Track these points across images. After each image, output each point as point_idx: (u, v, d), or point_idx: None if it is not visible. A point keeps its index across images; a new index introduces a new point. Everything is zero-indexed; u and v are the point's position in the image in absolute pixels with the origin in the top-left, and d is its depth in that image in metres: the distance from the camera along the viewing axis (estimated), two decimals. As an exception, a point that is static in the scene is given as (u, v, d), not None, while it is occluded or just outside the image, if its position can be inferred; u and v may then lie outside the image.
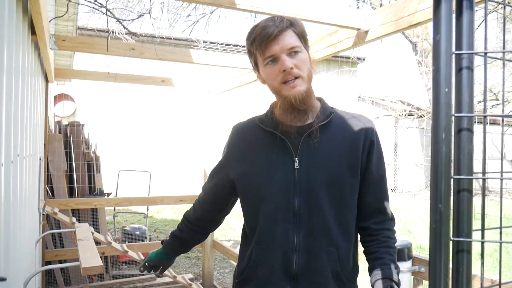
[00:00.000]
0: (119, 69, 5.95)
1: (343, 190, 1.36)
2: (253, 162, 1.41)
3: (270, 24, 1.29)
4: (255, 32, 1.32)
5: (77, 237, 2.81)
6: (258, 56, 1.35)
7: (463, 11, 0.76)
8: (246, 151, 1.45)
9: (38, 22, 2.21)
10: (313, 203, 1.33)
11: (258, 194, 1.39)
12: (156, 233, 7.43)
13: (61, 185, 4.64)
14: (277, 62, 1.30)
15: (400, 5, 2.01)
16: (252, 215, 1.43)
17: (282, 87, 1.31)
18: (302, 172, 1.34)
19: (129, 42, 6.31)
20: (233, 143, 1.51)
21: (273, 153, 1.38)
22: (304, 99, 1.31)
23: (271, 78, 1.33)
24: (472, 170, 0.78)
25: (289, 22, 1.31)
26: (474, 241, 0.78)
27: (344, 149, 1.37)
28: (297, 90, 1.29)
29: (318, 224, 1.33)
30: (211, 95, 4.74)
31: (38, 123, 3.31)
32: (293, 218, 1.34)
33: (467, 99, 0.76)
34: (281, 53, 1.28)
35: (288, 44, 1.28)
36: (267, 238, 1.37)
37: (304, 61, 1.31)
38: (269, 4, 2.06)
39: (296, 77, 1.29)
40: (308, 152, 1.35)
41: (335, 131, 1.38)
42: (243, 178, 1.44)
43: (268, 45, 1.29)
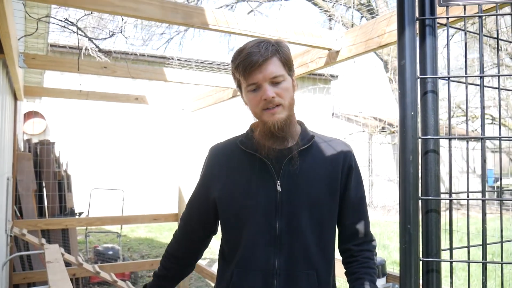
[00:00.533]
0: (92, 87, 5.87)
1: (323, 213, 1.37)
2: (234, 184, 1.40)
3: (255, 51, 1.29)
4: (239, 58, 1.32)
5: (46, 259, 2.73)
6: (241, 81, 1.36)
7: (426, 37, 0.78)
8: (227, 173, 1.42)
9: (5, 41, 2.17)
10: (294, 226, 1.34)
11: (240, 217, 1.38)
12: (130, 252, 7.28)
13: (30, 205, 4.51)
14: (259, 90, 1.31)
15: (369, 27, 2.06)
16: (233, 237, 1.41)
17: (262, 113, 1.32)
18: (284, 195, 1.34)
19: (101, 60, 6.25)
20: (212, 164, 1.48)
21: (255, 175, 1.37)
22: (283, 127, 1.32)
23: (253, 104, 1.34)
24: (439, 191, 0.79)
25: (275, 49, 1.32)
26: (442, 261, 0.79)
27: (324, 173, 1.38)
28: (277, 117, 1.30)
29: (299, 247, 1.33)
30: (185, 113, 4.73)
31: (6, 142, 3.22)
32: (274, 241, 1.33)
33: (432, 122, 0.78)
34: (264, 82, 1.30)
35: (271, 74, 1.30)
36: (248, 261, 1.35)
37: (286, 89, 1.32)
38: (241, 25, 2.09)
39: (277, 105, 1.31)
40: (290, 175, 1.35)
41: (316, 155, 1.40)
42: (225, 200, 1.41)
43: (251, 73, 1.30)
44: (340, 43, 2.30)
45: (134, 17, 2.04)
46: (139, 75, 3.32)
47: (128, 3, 1.87)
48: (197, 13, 2.03)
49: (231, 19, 2.09)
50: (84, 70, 3.04)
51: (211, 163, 1.48)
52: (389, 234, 8.76)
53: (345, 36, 2.29)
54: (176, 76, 3.50)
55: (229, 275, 1.40)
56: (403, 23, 0.79)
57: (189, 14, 2.00)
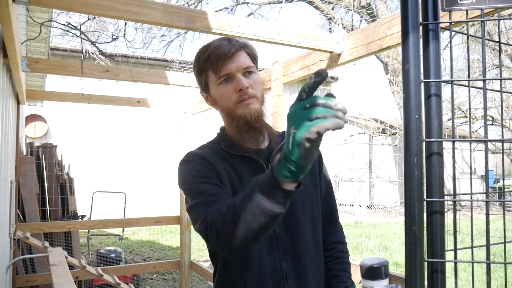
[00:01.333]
0: (94, 90, 5.90)
1: (313, 207, 1.38)
2: (233, 187, 1.30)
3: (225, 43, 1.28)
4: (209, 50, 1.28)
5: (50, 262, 2.73)
6: (210, 74, 1.30)
7: (429, 41, 0.80)
8: (225, 175, 1.30)
9: (10, 45, 2.19)
10: (291, 225, 1.32)
11: None
12: (131, 255, 7.28)
13: (32, 209, 4.53)
14: (231, 81, 1.27)
15: (371, 30, 2.08)
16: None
17: (236, 106, 1.27)
18: None
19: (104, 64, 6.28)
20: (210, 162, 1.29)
21: (249, 177, 1.28)
22: (259, 117, 1.28)
23: (225, 97, 1.29)
24: (443, 192, 0.81)
25: (242, 43, 1.32)
26: (447, 261, 0.81)
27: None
28: (252, 107, 1.27)
29: (300, 245, 1.33)
30: (186, 116, 4.74)
31: (9, 146, 3.24)
32: (276, 244, 1.31)
33: (436, 125, 0.80)
34: (237, 72, 1.26)
35: (244, 64, 1.27)
36: (256, 268, 1.30)
37: (257, 82, 1.31)
38: (244, 29, 2.10)
39: (250, 96, 1.27)
40: None
41: None
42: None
43: (224, 63, 1.26)
44: (342, 46, 2.32)
45: (138, 22, 2.05)
46: (141, 79, 3.34)
47: (132, 7, 1.89)
48: (200, 17, 2.05)
49: (233, 23, 2.11)
50: (87, 74, 3.06)
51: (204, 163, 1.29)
52: (390, 235, 8.76)
53: (347, 39, 2.31)
54: (178, 79, 3.52)
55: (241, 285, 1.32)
56: (406, 28, 0.80)
57: (192, 18, 2.02)
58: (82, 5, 1.82)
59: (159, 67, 11.32)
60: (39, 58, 3.04)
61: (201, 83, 1.37)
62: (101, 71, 3.17)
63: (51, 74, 3.19)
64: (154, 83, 3.45)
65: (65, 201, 4.95)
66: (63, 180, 5.04)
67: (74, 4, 1.81)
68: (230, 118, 1.31)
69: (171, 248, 7.88)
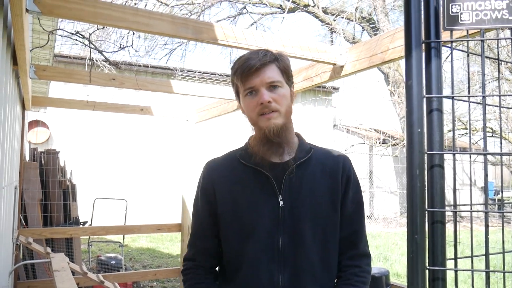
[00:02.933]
0: (97, 97, 5.94)
1: (326, 226, 1.36)
2: (236, 200, 1.37)
3: (254, 56, 1.31)
4: (238, 63, 1.34)
5: (53, 268, 2.76)
6: (239, 86, 1.36)
7: (432, 59, 0.84)
8: (229, 188, 1.39)
9: (21, 53, 2.23)
10: (297, 241, 1.32)
11: (242, 233, 1.35)
12: (131, 262, 7.28)
13: (35, 214, 4.55)
14: (256, 94, 1.32)
15: (373, 43, 2.13)
16: (235, 254, 1.38)
17: (259, 118, 1.32)
18: (286, 210, 1.32)
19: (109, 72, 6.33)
20: (213, 179, 1.43)
21: (257, 190, 1.35)
22: (278, 132, 1.30)
23: (250, 109, 1.34)
24: (444, 203, 0.84)
25: (274, 57, 1.34)
26: (448, 269, 0.84)
27: (325, 185, 1.37)
28: (273, 122, 1.30)
29: (303, 263, 1.32)
30: (189, 124, 4.79)
31: (15, 151, 3.28)
32: (277, 257, 1.31)
33: (437, 138, 0.83)
34: (261, 86, 1.30)
35: (268, 78, 1.30)
36: (251, 279, 1.33)
37: (283, 96, 1.32)
38: (249, 40, 2.15)
39: (273, 110, 1.30)
40: (291, 189, 1.34)
41: (316, 167, 1.39)
42: (227, 216, 1.38)
43: (248, 77, 1.31)
44: (345, 58, 2.37)
45: (146, 32, 2.10)
46: (146, 87, 3.38)
47: (141, 18, 1.94)
48: (206, 28, 2.10)
49: (239, 35, 2.16)
50: (93, 82, 3.10)
51: (211, 178, 1.43)
52: (390, 246, 8.75)
53: (350, 51, 2.35)
54: (182, 88, 3.56)
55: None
56: (410, 46, 0.84)
57: (199, 30, 2.07)
58: (92, 15, 1.86)
59: (162, 76, 11.40)
60: (46, 66, 3.09)
61: (234, 91, 1.45)
62: (107, 79, 3.22)
63: (57, 81, 3.23)
64: (159, 92, 3.49)
65: (67, 207, 4.98)
66: (66, 186, 5.07)
67: (84, 15, 1.85)
68: (255, 128, 1.39)
69: (171, 256, 7.88)
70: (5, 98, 2.11)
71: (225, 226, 1.39)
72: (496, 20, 0.85)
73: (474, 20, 0.85)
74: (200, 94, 3.60)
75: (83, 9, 1.83)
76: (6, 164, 2.38)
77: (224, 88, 3.74)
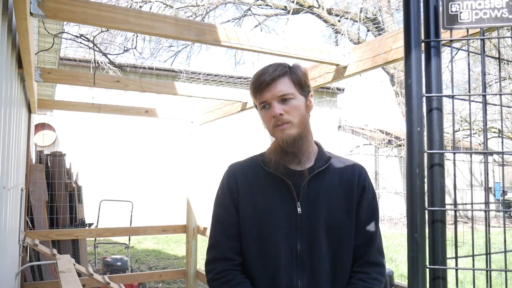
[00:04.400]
0: (102, 100, 5.97)
1: (341, 234, 1.40)
2: (257, 205, 1.42)
3: (265, 72, 1.39)
4: (252, 79, 1.43)
5: (59, 269, 2.78)
6: (255, 100, 1.45)
7: (431, 58, 0.84)
8: (250, 192, 1.44)
9: (25, 57, 2.26)
10: (314, 246, 1.37)
11: (262, 238, 1.39)
12: (137, 264, 7.31)
13: (41, 216, 4.58)
14: (269, 108, 1.39)
15: (376, 43, 2.13)
16: (255, 258, 1.41)
17: (274, 130, 1.40)
18: (304, 216, 1.38)
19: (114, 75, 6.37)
20: (235, 182, 1.46)
21: (276, 196, 1.41)
22: (292, 142, 1.36)
23: (266, 121, 1.43)
24: (444, 202, 0.84)
25: (285, 70, 1.40)
26: (448, 268, 0.84)
27: (342, 194, 1.42)
28: (286, 133, 1.36)
29: (319, 267, 1.36)
30: (194, 126, 4.80)
31: (21, 154, 3.30)
32: (296, 261, 1.36)
33: (437, 137, 0.83)
34: (272, 100, 1.38)
35: (279, 92, 1.37)
36: (272, 282, 1.37)
37: (295, 107, 1.38)
38: (252, 42, 2.16)
39: (285, 122, 1.37)
40: (309, 196, 1.39)
41: (334, 176, 1.44)
42: (247, 220, 1.42)
43: (260, 92, 1.39)
44: (348, 59, 2.37)
45: (149, 35, 2.11)
46: (150, 89, 3.40)
47: (144, 21, 1.95)
48: (209, 30, 2.10)
49: (242, 36, 2.17)
50: (98, 84, 3.12)
51: (235, 179, 1.47)
52: (396, 247, 8.72)
53: (353, 52, 2.35)
54: (186, 90, 3.57)
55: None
56: (409, 45, 0.84)
57: (202, 31, 2.08)
58: (96, 18, 1.88)
59: (166, 77, 11.44)
60: (52, 69, 3.11)
61: (254, 104, 1.53)
62: (112, 82, 3.24)
63: (63, 84, 3.26)
64: (163, 93, 3.51)
65: (73, 209, 5.01)
66: (72, 188, 5.10)
67: (88, 18, 1.87)
68: (273, 138, 1.46)
69: (176, 257, 7.90)
70: (11, 101, 2.13)
71: (245, 228, 1.43)
72: (495, 19, 0.85)
73: (473, 19, 0.85)
74: (204, 96, 3.61)
75: (87, 12, 1.85)
76: (12, 166, 2.40)
77: (228, 90, 3.75)
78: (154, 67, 10.47)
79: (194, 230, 4.80)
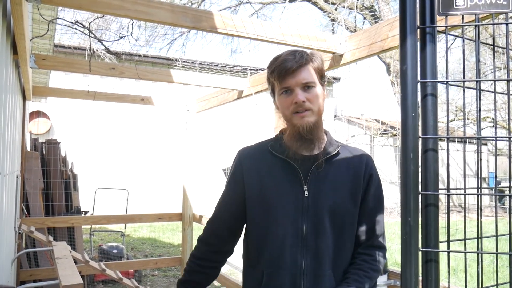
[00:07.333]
0: (97, 87, 5.94)
1: (344, 219, 1.44)
2: (264, 187, 1.47)
3: (290, 58, 1.40)
4: (275, 64, 1.43)
5: (55, 256, 2.79)
6: (275, 85, 1.46)
7: (426, 44, 0.85)
8: (258, 175, 1.49)
9: (20, 42, 2.24)
10: (319, 228, 1.41)
11: (269, 218, 1.44)
12: (133, 251, 7.34)
13: (37, 203, 4.58)
14: (291, 94, 1.41)
15: (373, 31, 2.13)
16: (260, 238, 1.47)
17: (293, 116, 1.41)
18: (310, 199, 1.42)
19: (109, 62, 6.33)
20: (243, 166, 1.53)
21: (284, 179, 1.45)
22: (311, 130, 1.40)
23: (284, 107, 1.43)
24: (437, 186, 0.85)
25: (309, 58, 1.42)
26: (441, 251, 0.85)
27: (348, 180, 1.46)
28: (306, 120, 1.39)
29: (323, 248, 1.41)
30: (190, 114, 4.79)
31: (16, 141, 3.29)
32: (300, 242, 1.41)
33: (432, 123, 0.84)
34: (296, 86, 1.39)
35: (303, 79, 1.39)
36: (276, 261, 1.42)
37: (316, 96, 1.41)
38: (248, 29, 2.15)
39: (306, 109, 1.39)
40: (317, 180, 1.43)
41: (341, 163, 1.48)
42: (255, 200, 1.48)
43: (285, 78, 1.40)
44: (344, 47, 2.37)
45: (145, 21, 2.10)
46: (146, 76, 3.38)
47: (140, 7, 1.94)
48: (206, 17, 2.10)
49: (238, 23, 2.16)
50: (93, 72, 3.11)
51: (241, 164, 1.54)
52: (390, 236, 8.79)
53: (349, 40, 2.35)
54: (182, 78, 3.56)
55: (259, 276, 1.46)
56: (405, 31, 0.85)
57: (198, 18, 2.07)
58: (91, 4, 1.87)
59: (162, 65, 11.38)
60: (46, 55, 3.09)
61: (269, 88, 1.53)
62: (107, 69, 3.22)
63: (57, 71, 3.24)
64: (159, 81, 3.50)
65: (68, 196, 5.01)
66: (67, 176, 5.10)
67: (83, 3, 1.86)
68: (288, 124, 1.48)
69: (172, 245, 7.94)
70: (6, 87, 2.12)
71: (252, 210, 1.49)
72: (490, 5, 0.85)
73: (468, 5, 0.85)
74: (200, 84, 3.60)
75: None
76: (7, 153, 2.40)
77: (225, 78, 3.75)
78: (149, 55, 10.40)
79: (189, 218, 4.82)
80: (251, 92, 3.56)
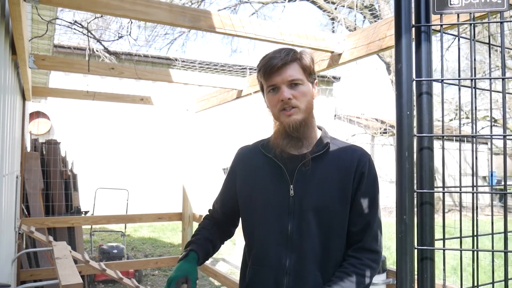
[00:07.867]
0: (97, 87, 5.95)
1: (332, 219, 1.40)
2: (252, 185, 1.50)
3: (276, 56, 1.40)
4: (262, 62, 1.44)
5: (55, 256, 2.79)
6: (263, 82, 1.46)
7: (422, 42, 0.85)
8: (247, 174, 1.53)
9: (19, 42, 2.24)
10: (304, 228, 1.39)
11: (256, 216, 1.48)
12: (133, 251, 7.35)
13: (37, 204, 4.59)
14: (277, 92, 1.40)
15: (371, 31, 2.13)
16: (249, 236, 1.52)
17: (280, 114, 1.41)
18: (296, 199, 1.41)
19: (109, 62, 6.33)
20: (237, 164, 1.60)
21: (271, 178, 1.46)
22: (298, 128, 1.39)
23: (272, 104, 1.44)
24: (433, 184, 0.86)
25: (296, 55, 1.41)
26: (436, 249, 0.86)
27: (337, 180, 1.41)
28: (293, 118, 1.38)
29: (308, 249, 1.39)
30: (189, 114, 4.80)
31: (16, 141, 3.30)
32: (286, 241, 1.41)
33: (427, 121, 0.85)
34: (282, 84, 1.39)
35: (289, 77, 1.38)
36: (261, 259, 1.45)
37: (303, 93, 1.40)
38: (247, 28, 2.15)
39: (293, 107, 1.38)
40: (303, 180, 1.42)
41: (330, 162, 1.43)
42: (244, 199, 1.53)
43: (270, 75, 1.40)
44: (342, 46, 2.37)
45: (144, 21, 2.11)
46: (145, 76, 3.39)
47: (139, 7, 1.94)
48: (204, 16, 2.10)
49: (237, 23, 2.16)
50: (92, 71, 3.11)
51: (236, 162, 1.61)
52: (391, 235, 8.79)
53: (347, 39, 2.36)
54: (182, 77, 3.57)
55: (247, 272, 1.49)
56: (400, 30, 0.85)
57: (197, 18, 2.07)
58: (90, 4, 1.87)
59: (162, 65, 11.38)
60: (46, 56, 3.10)
61: (259, 86, 1.54)
62: (106, 69, 3.23)
63: (57, 71, 3.25)
64: (158, 81, 3.50)
65: (68, 196, 5.01)
66: (67, 176, 5.11)
67: (83, 3, 1.86)
68: (276, 122, 1.48)
69: (172, 245, 7.94)
70: (5, 87, 2.12)
71: (243, 208, 1.55)
72: (485, 3, 0.86)
73: (463, 3, 0.86)
74: (200, 83, 3.61)
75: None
76: (6, 153, 2.41)
77: (224, 77, 3.75)
78: (149, 55, 10.40)
79: (189, 217, 4.83)
80: (250, 92, 3.57)
